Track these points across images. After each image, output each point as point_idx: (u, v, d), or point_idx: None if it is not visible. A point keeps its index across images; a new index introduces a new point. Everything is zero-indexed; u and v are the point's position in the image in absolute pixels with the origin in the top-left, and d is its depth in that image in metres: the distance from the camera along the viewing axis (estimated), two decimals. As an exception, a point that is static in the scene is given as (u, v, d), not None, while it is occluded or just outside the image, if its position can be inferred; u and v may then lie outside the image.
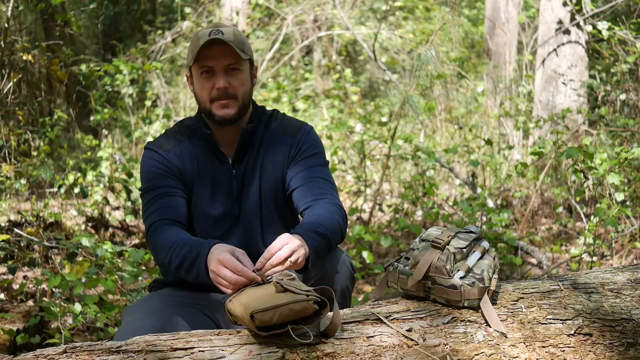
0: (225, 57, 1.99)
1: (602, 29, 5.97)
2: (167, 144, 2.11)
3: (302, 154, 2.10)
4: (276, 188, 2.11)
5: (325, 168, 2.12)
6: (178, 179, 2.06)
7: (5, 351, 2.67)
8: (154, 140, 2.16)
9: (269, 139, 2.12)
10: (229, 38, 1.98)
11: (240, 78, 2.03)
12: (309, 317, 1.57)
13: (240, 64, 2.03)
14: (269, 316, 1.52)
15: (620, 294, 1.87)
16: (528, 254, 4.36)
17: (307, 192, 2.04)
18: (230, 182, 2.09)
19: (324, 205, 1.98)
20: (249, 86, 2.08)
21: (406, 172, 6.34)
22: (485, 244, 1.84)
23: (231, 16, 8.83)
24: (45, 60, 4.77)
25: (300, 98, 8.22)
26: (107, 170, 5.68)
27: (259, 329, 1.53)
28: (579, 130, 5.58)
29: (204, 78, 2.02)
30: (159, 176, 2.05)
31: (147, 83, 8.21)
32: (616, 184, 3.80)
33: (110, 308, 2.97)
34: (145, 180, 2.07)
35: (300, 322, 1.56)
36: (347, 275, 1.97)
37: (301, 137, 2.12)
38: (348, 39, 9.74)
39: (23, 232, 3.98)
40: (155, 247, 1.94)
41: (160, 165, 2.06)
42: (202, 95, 2.04)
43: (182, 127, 2.16)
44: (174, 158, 2.08)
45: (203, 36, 1.98)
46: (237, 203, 2.10)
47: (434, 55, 4.61)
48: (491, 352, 1.63)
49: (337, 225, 1.94)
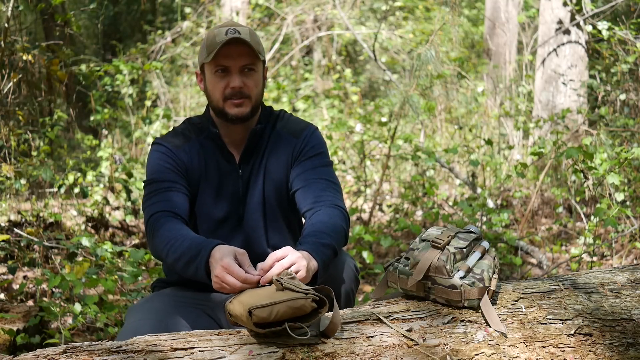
0: (241, 57, 1.99)
1: (602, 29, 5.97)
2: (176, 140, 2.10)
3: (306, 154, 2.10)
4: (280, 189, 2.11)
5: (329, 168, 2.11)
6: (184, 175, 2.05)
7: (5, 351, 2.67)
8: (162, 137, 2.15)
9: (275, 139, 2.12)
10: (247, 38, 1.98)
11: (255, 78, 2.03)
12: (307, 316, 1.57)
13: (256, 64, 2.02)
14: (267, 313, 1.51)
15: (620, 294, 1.87)
16: (528, 254, 4.36)
17: (309, 193, 2.03)
18: (236, 182, 2.09)
19: (326, 210, 1.97)
20: (262, 87, 2.08)
21: (406, 172, 6.34)
22: (485, 244, 1.84)
23: (231, 16, 8.82)
24: (45, 60, 4.77)
25: (300, 98, 8.22)
26: (107, 170, 5.69)
27: (257, 326, 1.53)
28: (579, 130, 5.58)
29: (218, 76, 2.01)
30: (165, 170, 2.04)
31: (147, 83, 8.21)
32: (616, 184, 3.80)
33: (110, 308, 2.96)
34: (150, 173, 2.06)
35: (299, 320, 1.55)
36: (352, 278, 1.97)
37: (305, 138, 2.12)
38: (348, 39, 9.74)
39: (23, 232, 3.98)
40: (154, 238, 1.93)
41: (168, 159, 2.05)
42: (215, 93, 2.03)
43: (190, 125, 2.15)
44: (182, 154, 2.07)
45: (220, 34, 1.97)
46: (242, 203, 2.09)
47: (434, 55, 4.61)
48: (491, 352, 1.63)
49: (341, 230, 1.93)
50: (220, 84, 2.01)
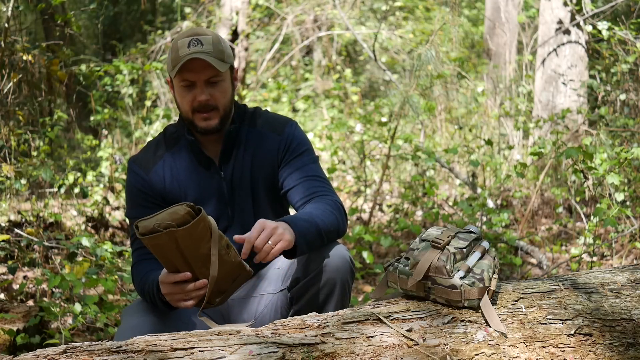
0: (205, 70, 1.98)
1: (602, 29, 5.97)
2: (148, 162, 2.12)
3: (292, 152, 2.10)
4: (268, 186, 2.12)
5: (317, 165, 2.13)
6: (160, 203, 2.06)
7: (5, 351, 2.67)
8: (136, 156, 2.17)
9: (256, 138, 2.12)
10: (209, 49, 1.97)
11: (222, 88, 2.03)
12: (186, 223, 1.69)
13: (221, 74, 2.02)
14: (149, 222, 1.70)
15: (620, 294, 1.87)
16: (528, 254, 4.36)
17: (302, 191, 2.05)
18: (219, 185, 2.09)
19: (318, 200, 2.01)
20: (231, 93, 2.07)
21: (406, 172, 6.34)
22: (485, 244, 1.84)
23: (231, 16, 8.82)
24: (45, 60, 4.77)
25: (300, 98, 8.22)
26: (107, 170, 5.69)
27: (142, 236, 1.70)
28: (579, 130, 5.58)
29: (184, 90, 2.01)
30: (141, 206, 2.08)
31: (147, 83, 8.21)
32: (616, 184, 3.80)
33: (110, 308, 2.97)
34: (129, 207, 2.12)
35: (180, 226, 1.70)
36: (347, 269, 1.97)
37: (289, 135, 2.12)
38: (348, 39, 9.74)
39: (23, 232, 3.98)
40: (135, 285, 2.05)
41: (141, 193, 2.09)
42: (184, 105, 2.04)
43: (165, 137, 2.16)
44: (155, 178, 2.09)
45: (182, 47, 1.97)
46: (230, 205, 2.10)
47: (434, 55, 4.61)
48: (491, 352, 1.63)
49: (331, 216, 1.95)
50: (188, 98, 2.01)
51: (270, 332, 1.62)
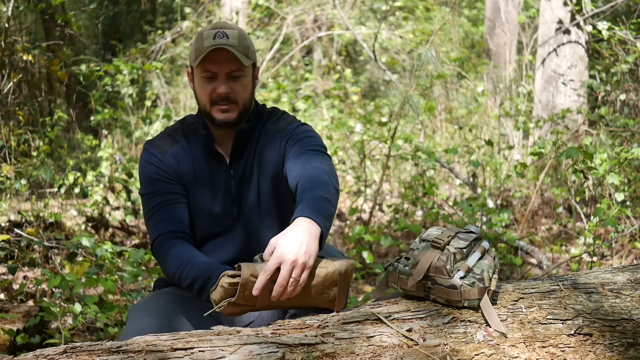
0: (228, 63, 1.97)
1: (602, 29, 5.97)
2: (164, 144, 2.10)
3: (293, 139, 2.06)
4: (275, 185, 2.10)
5: (315, 139, 2.06)
6: (176, 182, 2.06)
7: (5, 351, 2.67)
8: (152, 139, 2.15)
9: (266, 137, 2.11)
10: (234, 43, 1.96)
11: (243, 83, 2.02)
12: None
13: (244, 69, 2.01)
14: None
15: (620, 294, 1.87)
16: (528, 254, 4.36)
17: (297, 165, 1.98)
18: (228, 182, 2.09)
19: (309, 171, 1.91)
20: (251, 89, 2.06)
21: (406, 172, 6.34)
22: (485, 244, 1.84)
23: (231, 16, 8.82)
24: (45, 60, 4.77)
25: (300, 98, 8.22)
26: (107, 170, 5.69)
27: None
28: (579, 130, 5.58)
29: (205, 81, 2.00)
30: (159, 182, 2.05)
31: (147, 83, 8.21)
32: (616, 184, 3.80)
33: (110, 308, 2.96)
34: (144, 184, 2.07)
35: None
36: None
37: (289, 129, 2.09)
38: (348, 39, 9.74)
39: (23, 232, 3.98)
40: (163, 264, 1.97)
41: (157, 169, 2.06)
42: (203, 97, 2.03)
43: (183, 126, 2.14)
44: (170, 159, 2.07)
45: (208, 38, 1.96)
46: (236, 202, 2.09)
47: (434, 55, 4.61)
48: (491, 352, 1.63)
49: (329, 184, 1.87)
50: (207, 89, 2.00)
51: (270, 332, 1.62)
